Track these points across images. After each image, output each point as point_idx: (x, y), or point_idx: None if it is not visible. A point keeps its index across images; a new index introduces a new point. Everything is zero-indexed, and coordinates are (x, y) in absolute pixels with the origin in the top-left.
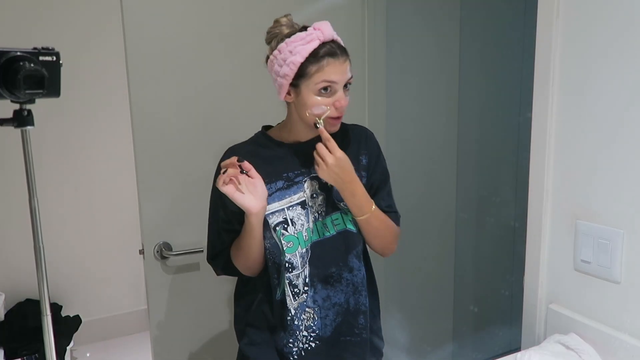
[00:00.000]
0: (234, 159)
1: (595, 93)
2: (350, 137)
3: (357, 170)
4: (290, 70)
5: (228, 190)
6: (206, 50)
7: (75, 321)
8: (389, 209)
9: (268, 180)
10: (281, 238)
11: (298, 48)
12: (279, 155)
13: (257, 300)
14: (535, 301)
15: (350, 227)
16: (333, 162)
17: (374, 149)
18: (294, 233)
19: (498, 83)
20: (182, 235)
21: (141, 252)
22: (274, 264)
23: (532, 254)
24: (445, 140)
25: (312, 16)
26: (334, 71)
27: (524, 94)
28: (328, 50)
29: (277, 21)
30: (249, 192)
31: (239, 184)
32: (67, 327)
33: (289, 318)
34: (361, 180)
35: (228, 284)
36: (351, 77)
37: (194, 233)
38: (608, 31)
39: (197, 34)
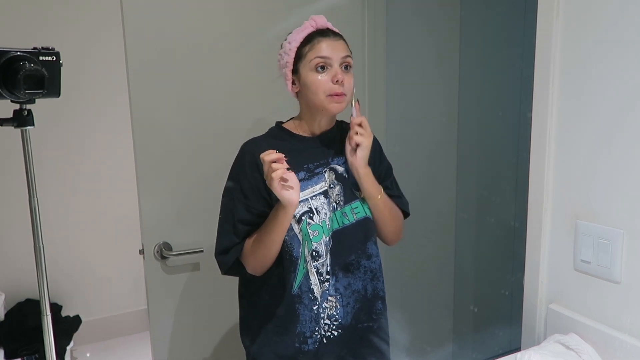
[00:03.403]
0: (280, 155)
1: (596, 92)
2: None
3: None
4: (289, 57)
5: (278, 188)
6: (206, 50)
7: (75, 321)
8: (392, 193)
9: None
10: (307, 227)
11: (294, 37)
12: (298, 148)
13: (267, 298)
14: (535, 301)
15: (370, 214)
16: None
17: (376, 145)
18: (319, 222)
19: (498, 83)
20: (182, 235)
21: (141, 252)
22: (290, 258)
23: (532, 254)
24: (445, 140)
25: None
26: (325, 47)
27: (524, 94)
28: (319, 32)
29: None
30: (291, 188)
31: (286, 180)
32: (67, 327)
33: (315, 308)
34: None
35: (228, 283)
36: (348, 57)
37: (194, 233)
38: (608, 31)
39: (197, 35)
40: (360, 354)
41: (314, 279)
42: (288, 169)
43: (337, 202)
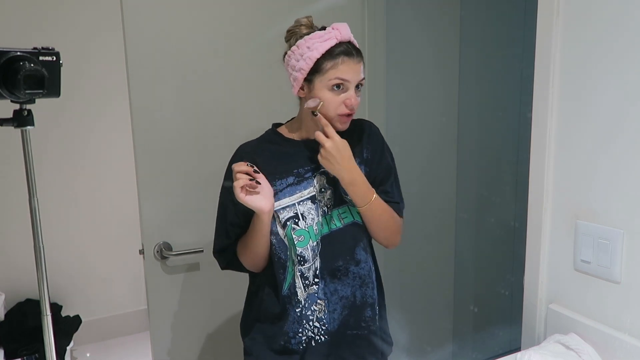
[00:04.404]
0: (247, 167)
1: (596, 92)
2: (354, 131)
3: (358, 163)
4: (306, 65)
5: (241, 197)
6: (206, 51)
7: (75, 321)
8: (390, 199)
9: (279, 176)
10: (292, 232)
11: (316, 45)
12: (290, 152)
13: (263, 296)
14: (535, 301)
15: (358, 219)
16: (331, 145)
17: (378, 143)
18: (305, 227)
19: (498, 83)
20: (182, 235)
21: (141, 252)
22: (279, 260)
23: (532, 254)
24: (445, 140)
25: (312, 16)
26: (347, 69)
27: (524, 94)
28: (344, 49)
29: (297, 21)
30: (257, 193)
31: (252, 188)
32: (67, 327)
33: (298, 310)
34: None
35: (228, 283)
36: (363, 79)
37: (194, 233)
38: (608, 31)
39: (197, 35)
40: None
41: (298, 282)
42: (252, 180)
43: (327, 206)
